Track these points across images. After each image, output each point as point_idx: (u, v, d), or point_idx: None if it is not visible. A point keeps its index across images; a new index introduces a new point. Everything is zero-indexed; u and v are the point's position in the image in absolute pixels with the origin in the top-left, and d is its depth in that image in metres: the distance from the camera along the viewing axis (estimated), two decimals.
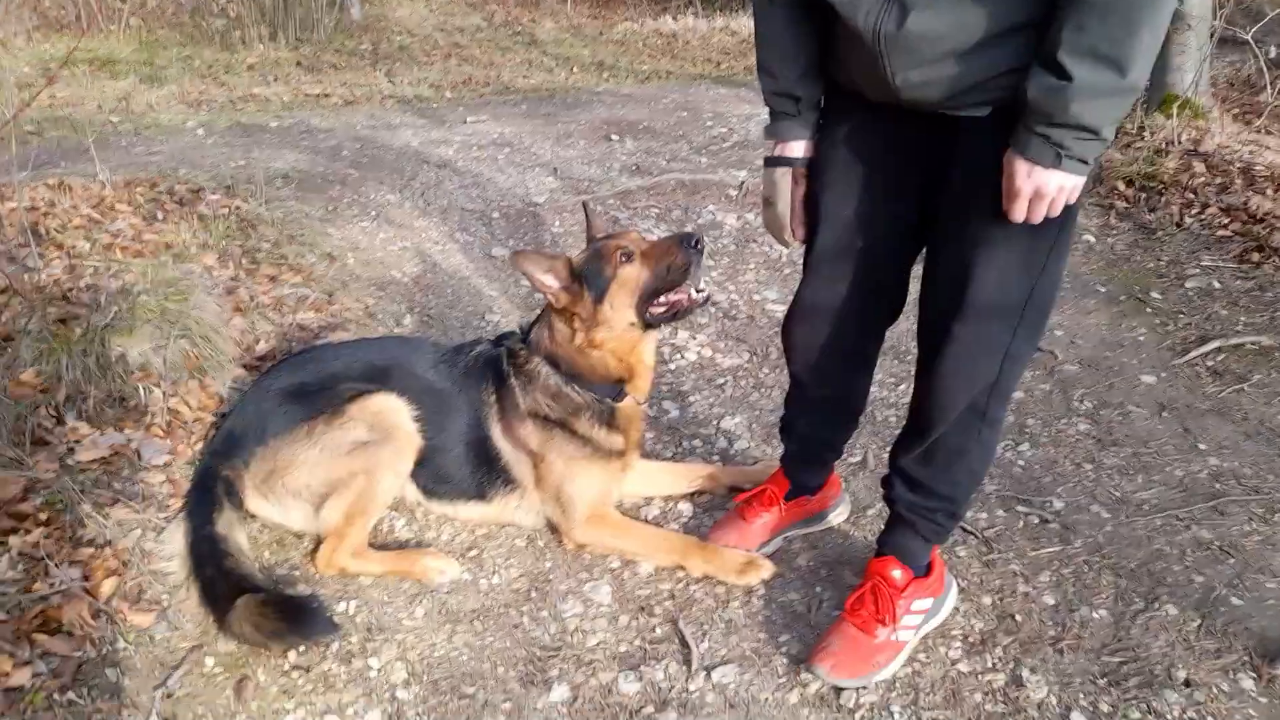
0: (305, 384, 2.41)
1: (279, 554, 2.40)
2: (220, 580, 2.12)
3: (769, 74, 1.93)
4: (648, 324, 2.36)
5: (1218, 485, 2.67)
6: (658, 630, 2.23)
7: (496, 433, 2.48)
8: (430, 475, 2.51)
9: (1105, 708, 1.97)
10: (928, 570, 2.18)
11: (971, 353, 1.84)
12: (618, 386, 2.43)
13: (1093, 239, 4.38)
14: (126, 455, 2.38)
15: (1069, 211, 1.69)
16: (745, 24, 12.39)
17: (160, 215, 3.55)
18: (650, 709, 2.01)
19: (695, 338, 3.62)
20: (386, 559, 2.38)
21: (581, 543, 2.47)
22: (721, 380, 3.37)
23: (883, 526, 2.23)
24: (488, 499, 2.54)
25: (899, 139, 1.84)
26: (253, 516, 2.38)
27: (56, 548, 2.14)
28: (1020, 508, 2.61)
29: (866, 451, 2.90)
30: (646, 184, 5.27)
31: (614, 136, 6.36)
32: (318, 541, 2.37)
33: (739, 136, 6.47)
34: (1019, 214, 1.64)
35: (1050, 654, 2.11)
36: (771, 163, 2.01)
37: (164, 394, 2.53)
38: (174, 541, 2.25)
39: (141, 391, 2.49)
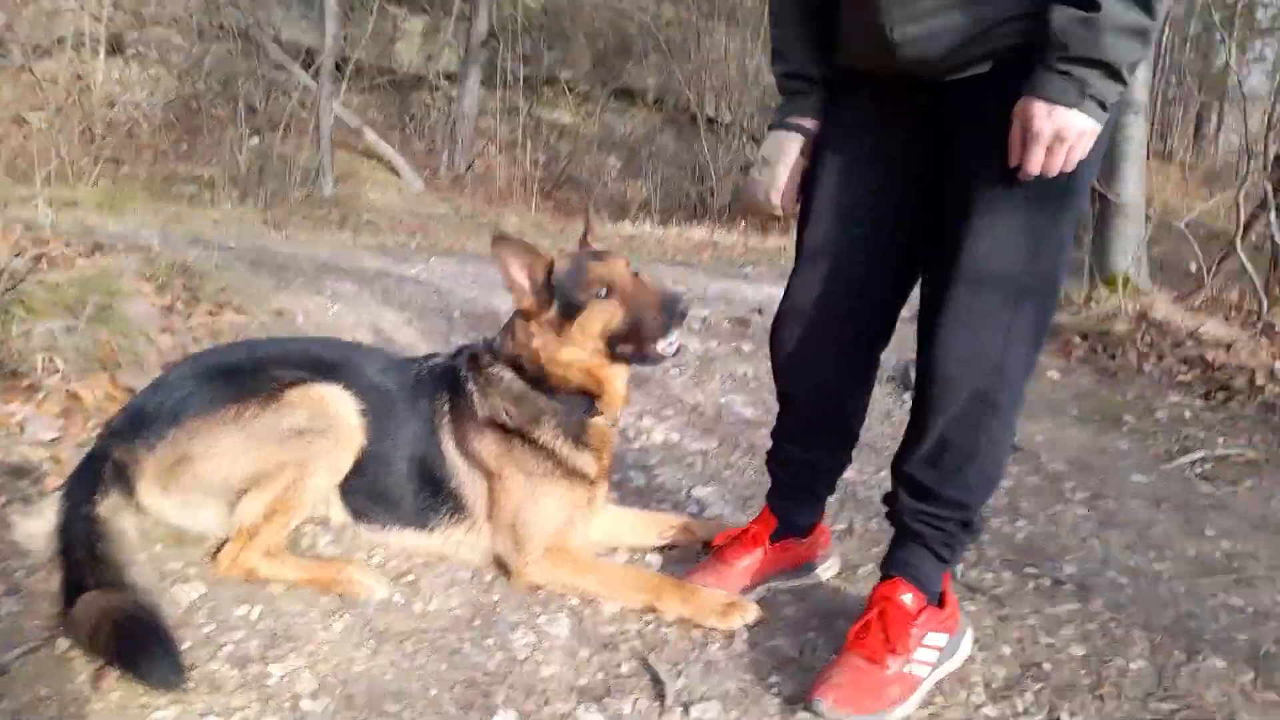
0: (239, 364, 2.12)
1: (175, 550, 1.99)
2: (89, 564, 1.73)
3: (781, 57, 1.96)
4: (614, 357, 2.16)
5: (1235, 564, 2.44)
6: (624, 667, 1.86)
7: (449, 445, 2.18)
8: (365, 492, 2.18)
9: None
10: (941, 600, 1.89)
11: (970, 324, 1.71)
12: (588, 400, 2.19)
13: (1057, 375, 4.37)
14: (7, 426, 2.02)
15: (1072, 179, 1.61)
16: (699, 232, 13.06)
17: (100, 253, 3.32)
18: None
19: (661, 423, 3.39)
20: (305, 565, 2.00)
21: (536, 582, 2.11)
22: (690, 459, 3.11)
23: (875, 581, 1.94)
24: (429, 528, 2.20)
25: (896, 125, 1.82)
26: (144, 511, 1.98)
27: None
28: (1029, 569, 2.34)
29: (852, 520, 2.63)
30: None
31: None
32: (224, 540, 1.98)
33: (696, 294, 6.55)
34: (1035, 163, 1.55)
35: (1089, 700, 1.79)
36: (781, 126, 1.96)
37: (64, 376, 2.19)
38: (46, 518, 1.85)
39: (40, 364, 2.16)
